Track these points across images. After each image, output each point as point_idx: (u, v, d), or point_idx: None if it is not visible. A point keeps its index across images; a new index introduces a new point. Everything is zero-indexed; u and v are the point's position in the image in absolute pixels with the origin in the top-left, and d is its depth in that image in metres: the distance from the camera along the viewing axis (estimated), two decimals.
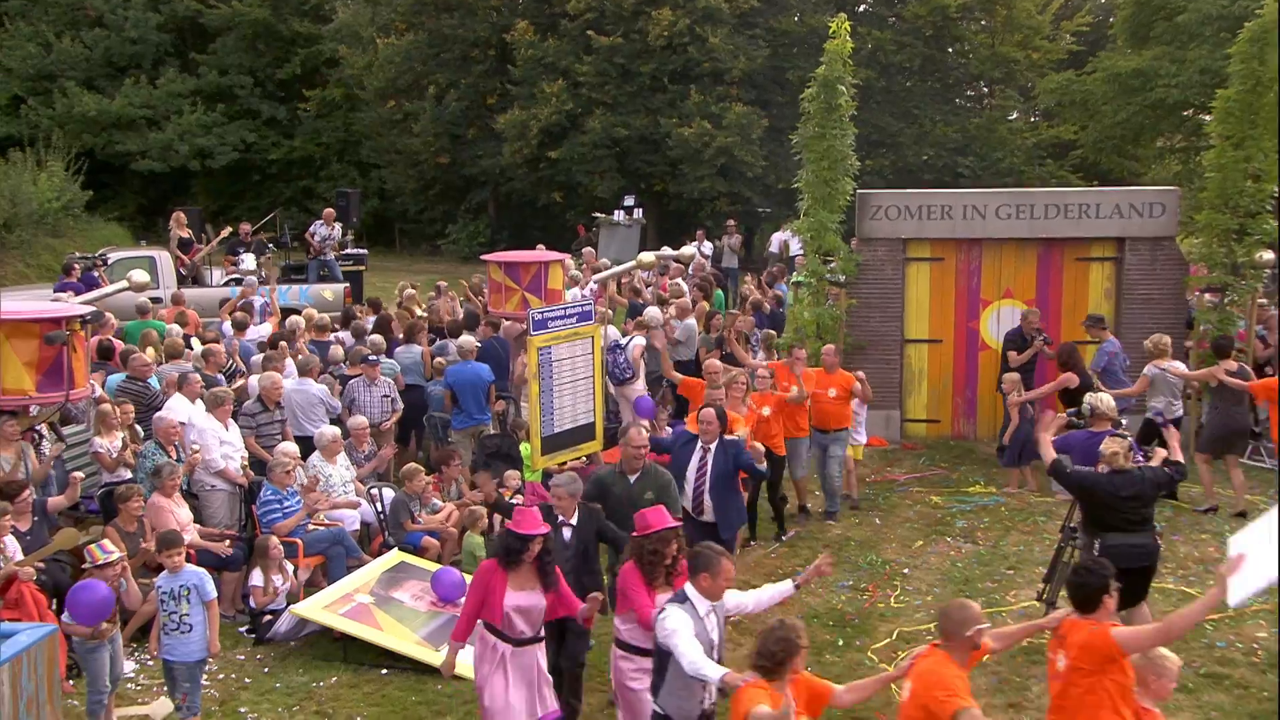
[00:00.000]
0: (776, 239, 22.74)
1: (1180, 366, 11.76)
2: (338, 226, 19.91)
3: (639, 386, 13.14)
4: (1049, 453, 7.90)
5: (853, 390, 11.14)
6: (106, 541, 7.60)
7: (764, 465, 8.69)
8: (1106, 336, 12.33)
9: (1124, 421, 8.74)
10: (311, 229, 19.81)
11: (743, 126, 27.60)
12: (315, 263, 19.38)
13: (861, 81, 16.93)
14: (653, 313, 14.34)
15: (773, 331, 14.51)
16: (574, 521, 7.14)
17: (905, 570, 10.02)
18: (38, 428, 9.07)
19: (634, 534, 6.19)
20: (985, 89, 32.34)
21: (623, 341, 13.11)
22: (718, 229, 26.48)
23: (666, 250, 18.79)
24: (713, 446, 8.52)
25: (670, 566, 6.08)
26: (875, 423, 13.73)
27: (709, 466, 8.45)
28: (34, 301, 11.88)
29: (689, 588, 5.64)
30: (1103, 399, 8.75)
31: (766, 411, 10.39)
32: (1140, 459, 7.98)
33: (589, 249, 20.26)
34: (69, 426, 9.96)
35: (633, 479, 7.83)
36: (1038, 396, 12.01)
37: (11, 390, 8.35)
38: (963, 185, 26.34)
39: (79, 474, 8.68)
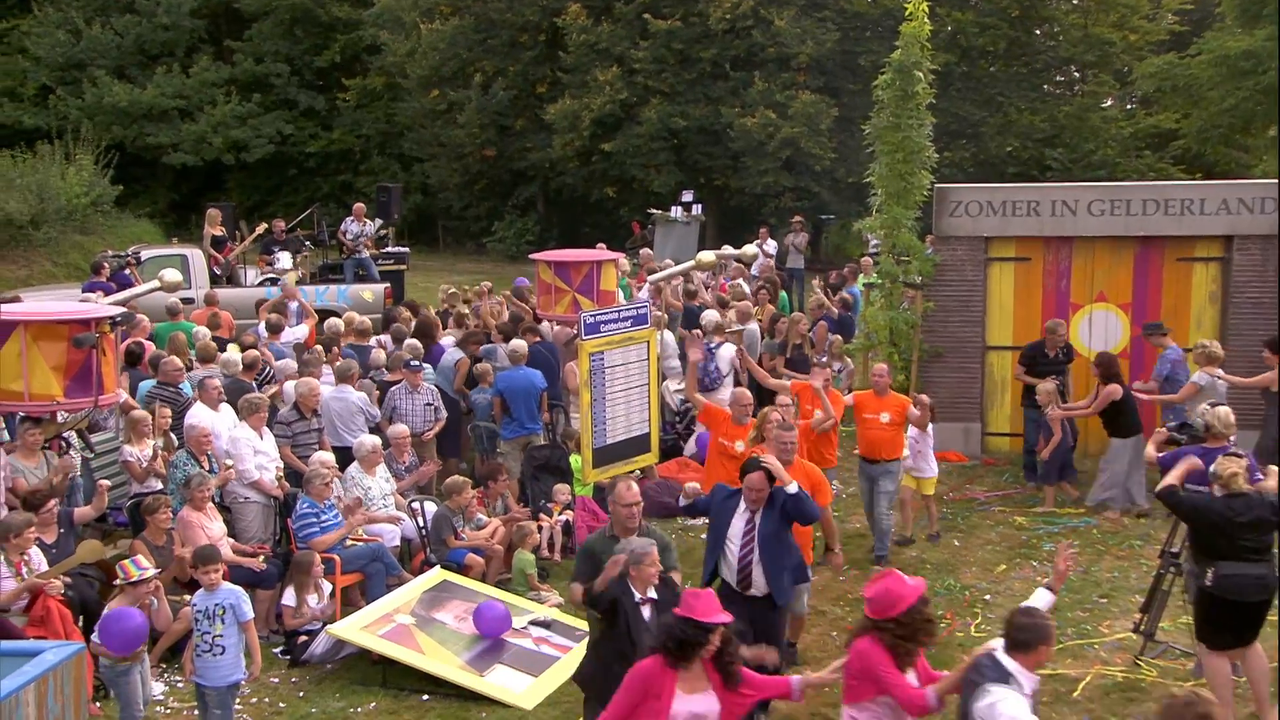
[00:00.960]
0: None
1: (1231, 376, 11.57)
2: (370, 223, 20.12)
3: (725, 397, 13.11)
4: (1168, 476, 7.72)
5: (908, 415, 10.58)
6: (140, 558, 7.72)
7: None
8: (1168, 344, 12.24)
9: (1232, 438, 8.52)
10: (343, 226, 20.06)
11: (810, 116, 27.49)
12: (351, 262, 19.62)
13: (940, 66, 16.79)
14: (711, 316, 14.33)
15: (839, 337, 14.42)
16: (655, 596, 6.31)
17: (987, 597, 9.89)
18: (65, 435, 9.25)
19: (676, 616, 5.39)
20: (1077, 74, 31.84)
21: (713, 345, 13.12)
22: (782, 226, 26.38)
23: (727, 249, 18.75)
24: (758, 513, 7.31)
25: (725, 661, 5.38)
26: (953, 436, 13.59)
27: (756, 532, 7.23)
28: (62, 302, 12.15)
29: (1010, 662, 5.03)
30: (1219, 413, 8.50)
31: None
32: (1259, 479, 7.78)
33: (647, 250, 20.29)
34: (96, 434, 10.16)
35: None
36: (1081, 414, 11.90)
37: (38, 395, 8.51)
38: (1051, 179, 25.98)
39: (106, 482, 8.84)
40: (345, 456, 10.47)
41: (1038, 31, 30.53)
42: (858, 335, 14.78)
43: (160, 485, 9.70)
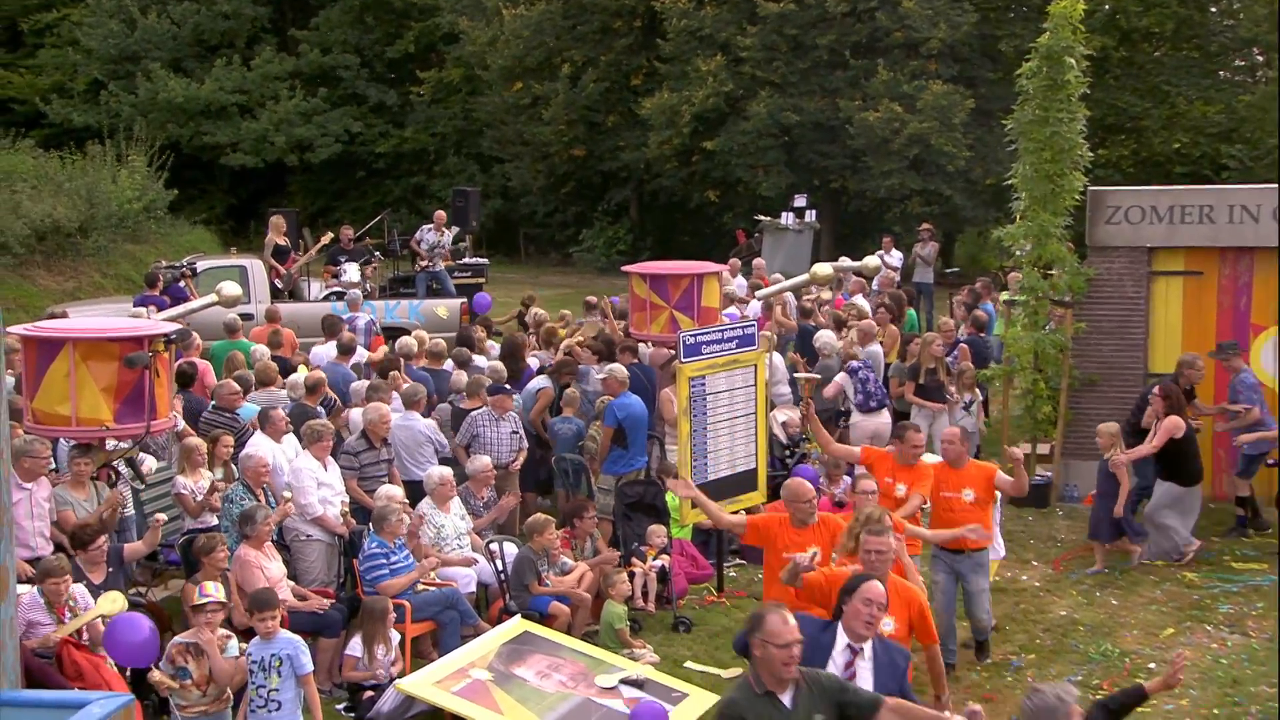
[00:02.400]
0: None
1: None
2: (449, 232, 20.42)
3: (886, 419, 13.07)
4: None
5: (997, 486, 9.41)
6: (212, 584, 7.88)
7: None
8: (1242, 366, 12.02)
9: None
10: (418, 235, 20.37)
11: (942, 109, 27.23)
12: (424, 275, 19.93)
13: (1096, 51, 16.52)
14: (827, 338, 14.25)
15: (970, 365, 14.21)
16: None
17: (1151, 665, 9.63)
18: (114, 464, 9.51)
19: None
20: (1259, 57, 31.01)
21: (865, 355, 13.09)
22: (909, 235, 26.14)
23: (845, 261, 18.65)
24: (867, 648, 6.28)
25: None
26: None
27: (858, 678, 6.18)
28: (112, 318, 12.55)
29: None
30: None
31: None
32: None
33: (760, 260, 20.27)
34: (148, 463, 10.44)
35: (785, 698, 5.56)
36: (1144, 454, 11.59)
37: (87, 420, 8.75)
38: (1228, 180, 25.33)
39: (162, 515, 9.07)
40: (411, 491, 10.60)
41: (1213, 9, 29.85)
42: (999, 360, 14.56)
43: (216, 521, 9.91)
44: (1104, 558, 11.65)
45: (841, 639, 6.24)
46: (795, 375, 10.26)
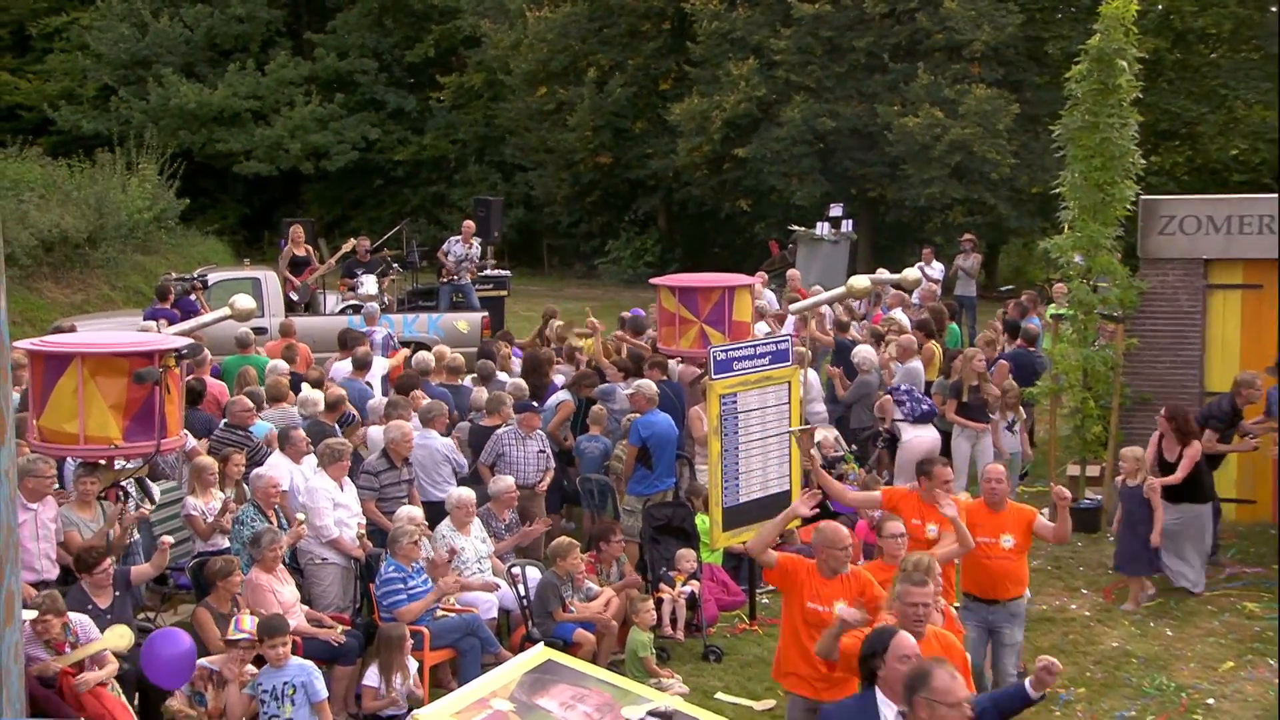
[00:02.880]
0: None
1: None
2: (477, 243, 20.46)
3: (929, 437, 13.04)
4: None
5: (1036, 532, 8.78)
6: (246, 618, 7.90)
7: None
8: None
9: None
10: (445, 247, 20.40)
11: (985, 114, 27.18)
12: (448, 288, 19.98)
13: (1148, 54, 16.42)
14: (866, 354, 14.21)
15: (1013, 383, 14.11)
16: None
17: (1209, 700, 9.54)
18: (123, 484, 9.55)
19: None
20: None
21: (904, 372, 13.02)
22: (950, 246, 26.05)
23: (884, 273, 18.60)
24: None
25: None
26: None
27: None
28: (121, 331, 12.62)
29: None
30: None
31: None
32: None
33: (795, 272, 20.21)
34: (158, 483, 10.48)
35: None
36: (1174, 482, 11.38)
37: (95, 438, 8.80)
38: None
39: (169, 539, 9.11)
40: (428, 512, 10.60)
41: (1272, 9, 29.63)
42: (1043, 378, 14.47)
43: (227, 543, 9.95)
44: (1137, 595, 11.43)
45: (888, 706, 5.76)
46: (789, 430, 9.83)
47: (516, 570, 10.33)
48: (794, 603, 7.48)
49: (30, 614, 7.47)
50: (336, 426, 11.83)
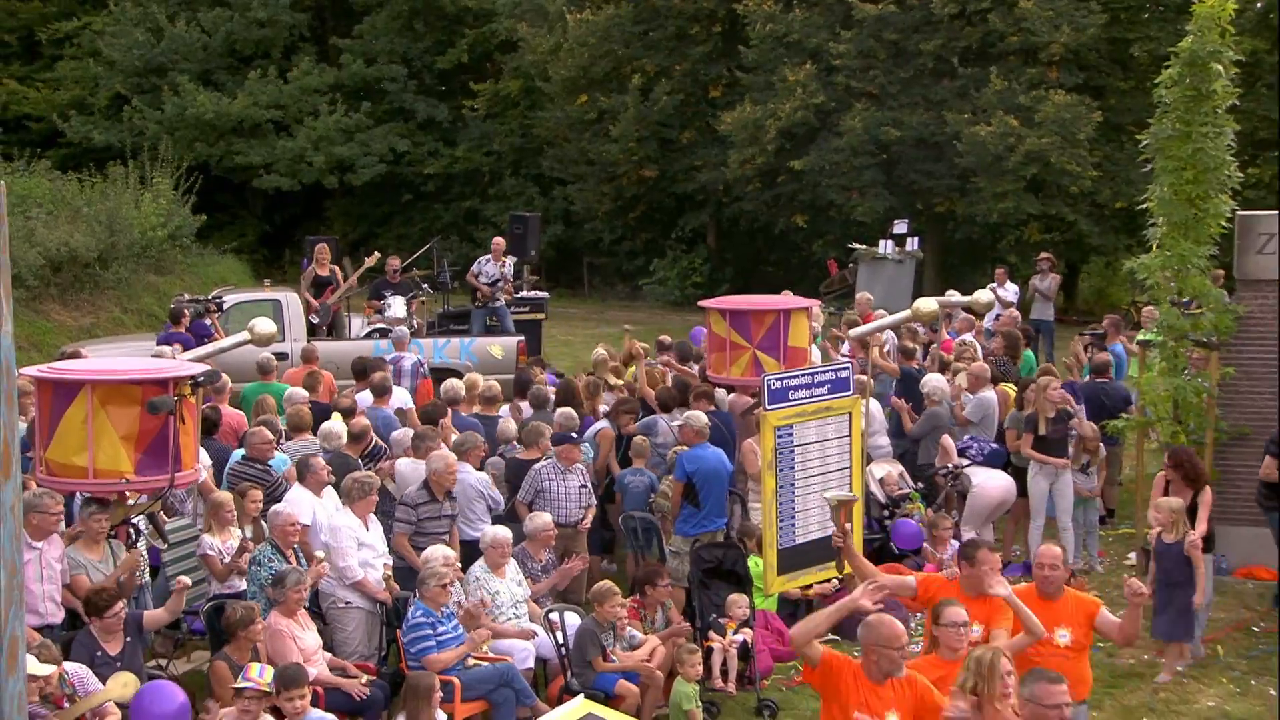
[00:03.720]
0: None
1: None
2: (510, 261, 20.54)
3: (1001, 487, 12.99)
4: None
5: (1098, 628, 8.04)
6: (266, 666, 7.92)
7: None
8: None
9: None
10: (475, 268, 20.47)
11: (1065, 123, 27.05)
12: (481, 311, 20.06)
13: (1246, 56, 16.29)
14: (935, 383, 14.14)
15: (1085, 422, 13.97)
16: None
17: None
18: (133, 520, 9.63)
19: None
20: None
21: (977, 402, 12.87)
22: (1026, 266, 25.92)
23: (953, 295, 18.49)
24: None
25: None
26: (1257, 545, 12.96)
27: None
28: (134, 358, 12.73)
29: None
30: None
31: None
32: None
33: (866, 295, 20.11)
34: (172, 520, 10.56)
35: None
36: (1201, 532, 11.06)
37: (105, 472, 8.88)
38: None
39: (185, 579, 9.16)
40: (463, 553, 10.63)
41: None
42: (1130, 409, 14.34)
43: (244, 585, 10.01)
44: (1174, 663, 11.07)
45: None
46: (825, 496, 9.45)
47: (554, 616, 10.32)
48: (836, 711, 6.70)
49: (47, 669, 7.48)
50: (360, 460, 11.88)
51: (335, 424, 12.30)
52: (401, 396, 14.35)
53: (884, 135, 28.73)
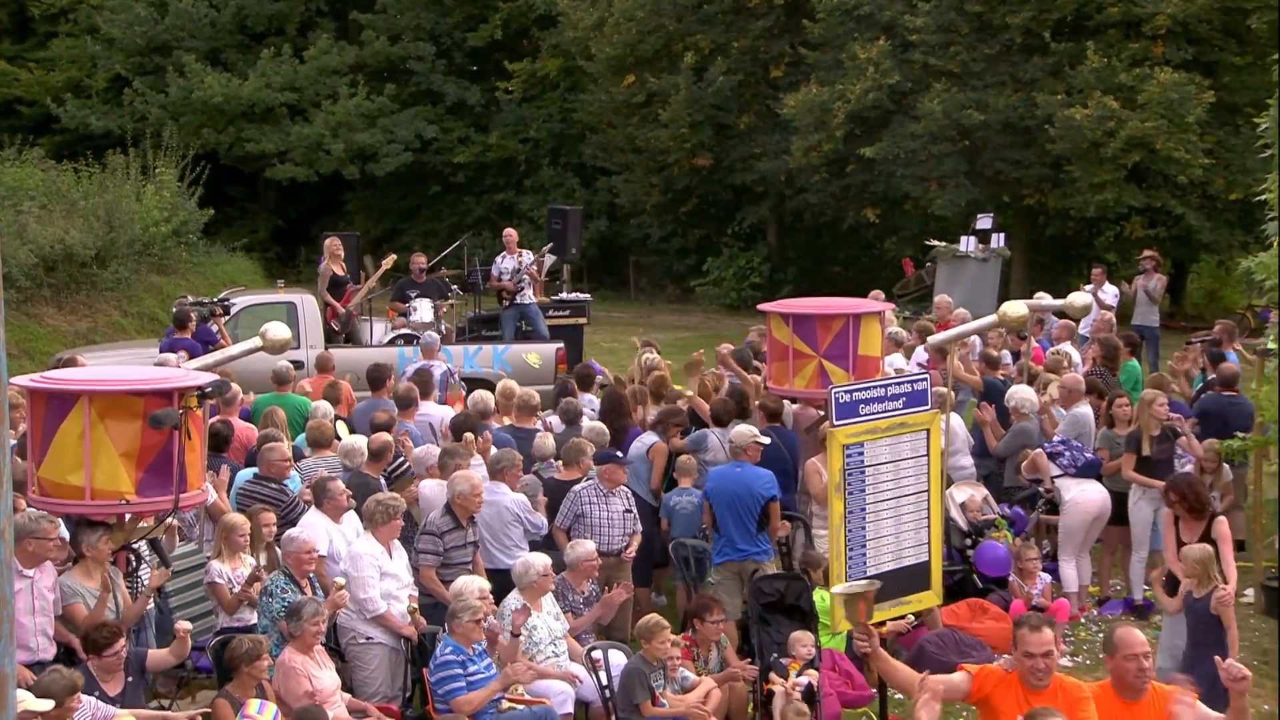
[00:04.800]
0: None
1: None
2: (526, 254, 20.51)
3: (1100, 491, 12.90)
4: None
5: None
6: (255, 704, 7.96)
7: None
8: None
9: None
10: (494, 270, 20.43)
11: (1171, 104, 26.86)
12: (511, 312, 20.09)
13: None
14: (1023, 397, 14.06)
15: (1214, 442, 13.85)
16: None
17: None
18: (134, 545, 9.70)
19: None
20: None
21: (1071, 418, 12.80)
22: (1127, 265, 25.75)
23: (1044, 298, 18.40)
24: None
25: None
26: None
27: None
28: (134, 366, 12.84)
29: None
30: None
31: None
32: None
33: (945, 299, 20.02)
34: (177, 546, 10.64)
35: None
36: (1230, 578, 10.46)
37: (103, 493, 8.91)
38: None
39: (186, 625, 9.18)
40: (496, 583, 10.61)
41: None
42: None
43: (255, 618, 10.06)
44: None
45: None
46: (836, 590, 9.20)
47: (597, 654, 10.32)
48: None
49: (43, 705, 7.53)
50: (383, 480, 11.93)
51: (358, 440, 12.35)
52: (434, 409, 14.34)
53: (966, 119, 28.62)
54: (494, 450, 12.18)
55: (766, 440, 12.14)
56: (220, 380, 10.07)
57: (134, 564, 9.68)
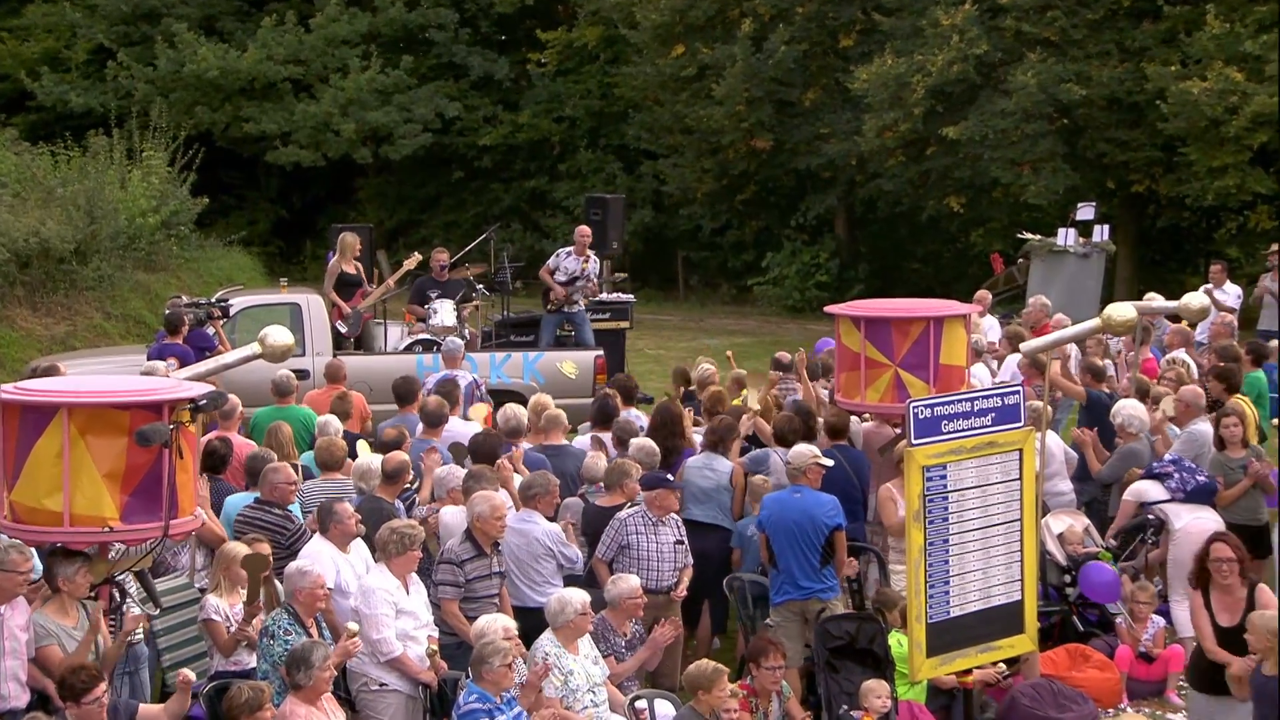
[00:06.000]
0: None
1: None
2: (595, 260, 20.47)
3: (1213, 518, 12.80)
4: None
5: None
6: None
7: None
8: None
9: None
10: (552, 263, 20.42)
11: None
12: (554, 317, 20.07)
13: None
14: (1131, 412, 13.99)
15: None
16: None
17: None
18: (119, 578, 9.74)
19: None
20: None
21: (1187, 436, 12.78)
22: (1252, 262, 25.58)
23: (1155, 299, 18.29)
24: None
25: None
26: None
27: None
28: (119, 376, 12.89)
29: None
30: None
31: None
32: None
33: (1041, 299, 19.88)
34: (165, 578, 10.67)
35: None
36: None
37: (84, 518, 8.89)
38: None
39: (190, 674, 9.18)
40: (526, 623, 10.60)
41: None
42: None
43: (254, 661, 10.09)
44: None
45: None
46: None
47: (641, 704, 10.34)
48: None
49: None
50: (400, 505, 11.96)
51: (371, 459, 12.37)
52: (458, 426, 14.33)
53: (1065, 94, 28.52)
54: (528, 474, 12.13)
55: (829, 462, 12.10)
56: (216, 392, 10.04)
57: (118, 600, 9.70)
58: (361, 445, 13.43)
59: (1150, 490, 13.14)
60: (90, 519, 8.86)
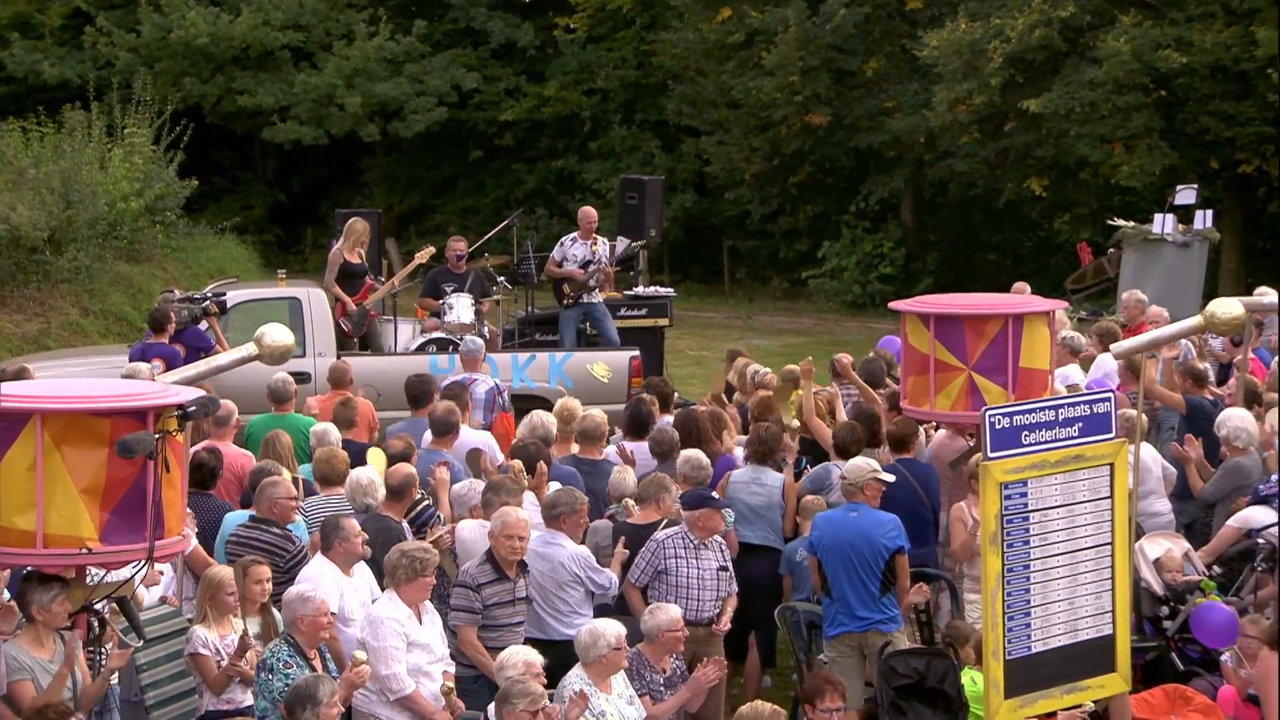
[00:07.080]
0: None
1: None
2: (604, 243, 20.44)
3: None
4: None
5: None
6: None
7: None
8: None
9: None
10: (556, 252, 20.33)
11: None
12: (573, 312, 20.08)
13: None
14: (1238, 422, 13.93)
15: None
16: None
17: None
18: (96, 605, 9.78)
19: None
20: None
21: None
22: None
23: (1266, 294, 18.23)
24: None
25: None
26: None
27: None
28: (99, 379, 12.94)
29: None
30: None
31: None
32: None
33: (1136, 295, 19.80)
34: (148, 610, 10.71)
35: None
36: None
37: (59, 538, 8.90)
38: None
39: None
40: (551, 656, 10.59)
41: None
42: None
43: (249, 698, 10.12)
44: None
45: None
46: None
47: None
48: None
49: None
50: (406, 526, 11.99)
51: (367, 472, 12.34)
52: (470, 435, 14.33)
53: (1163, 62, 28.43)
54: (553, 488, 12.14)
55: (890, 477, 12.05)
56: (207, 397, 10.05)
57: (96, 629, 9.72)
58: (375, 454, 13.42)
59: (1258, 517, 13.03)
60: (66, 539, 8.84)
